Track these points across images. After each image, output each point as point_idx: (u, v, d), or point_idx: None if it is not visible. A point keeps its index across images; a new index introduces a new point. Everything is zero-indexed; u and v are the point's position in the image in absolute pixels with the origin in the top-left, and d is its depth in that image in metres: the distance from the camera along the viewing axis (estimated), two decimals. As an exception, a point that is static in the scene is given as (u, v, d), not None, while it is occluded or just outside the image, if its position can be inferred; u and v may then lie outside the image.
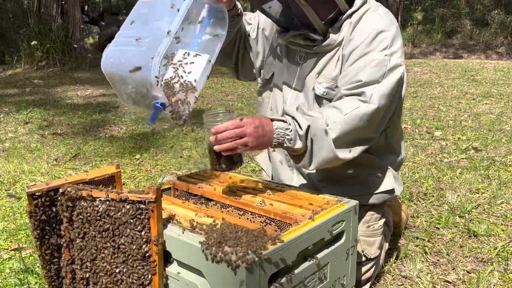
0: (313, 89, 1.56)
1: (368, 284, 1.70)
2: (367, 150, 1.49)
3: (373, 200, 1.67)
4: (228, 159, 1.37)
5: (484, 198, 2.57)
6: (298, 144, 1.36)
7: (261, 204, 1.39)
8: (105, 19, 10.60)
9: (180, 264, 1.20)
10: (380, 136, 1.57)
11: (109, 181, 1.44)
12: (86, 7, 10.65)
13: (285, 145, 1.37)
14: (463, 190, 2.68)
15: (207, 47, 1.43)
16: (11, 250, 2.01)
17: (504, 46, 11.49)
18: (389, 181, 1.67)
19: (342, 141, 1.39)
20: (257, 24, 1.77)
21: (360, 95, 1.41)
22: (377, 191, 1.66)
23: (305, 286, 1.24)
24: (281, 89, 1.69)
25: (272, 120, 1.37)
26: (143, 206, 1.17)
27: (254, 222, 1.38)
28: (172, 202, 1.45)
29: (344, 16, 1.51)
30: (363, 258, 1.66)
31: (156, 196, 1.16)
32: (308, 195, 1.46)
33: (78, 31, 8.85)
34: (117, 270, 1.23)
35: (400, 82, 1.48)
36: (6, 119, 4.53)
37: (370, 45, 1.45)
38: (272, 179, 1.80)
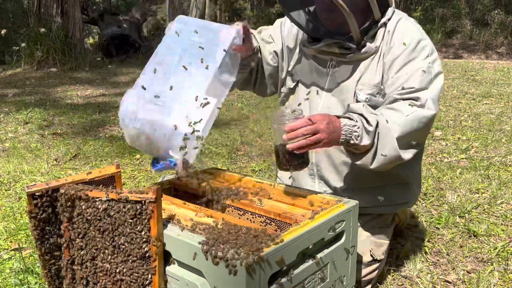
0: (355, 95, 1.57)
1: (370, 285, 1.71)
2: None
3: (391, 210, 1.74)
4: (298, 158, 1.37)
5: (484, 198, 2.57)
6: (365, 141, 1.38)
7: (261, 204, 1.39)
8: (105, 19, 10.59)
9: (180, 264, 1.20)
10: None
11: (109, 181, 1.44)
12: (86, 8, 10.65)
13: (351, 141, 1.39)
14: (463, 190, 2.68)
15: (216, 90, 1.43)
16: (11, 250, 2.01)
17: (504, 46, 11.49)
18: (410, 193, 1.74)
19: (403, 142, 1.43)
20: (280, 40, 1.78)
21: (416, 100, 1.46)
22: (397, 203, 1.72)
23: (305, 286, 1.24)
24: (308, 97, 1.69)
25: (338, 117, 1.40)
26: (143, 206, 1.17)
27: (254, 222, 1.38)
28: (172, 202, 1.45)
29: (378, 25, 1.56)
30: (370, 258, 1.67)
31: (156, 196, 1.16)
32: (308, 195, 1.46)
33: (78, 31, 8.85)
34: (117, 270, 1.23)
35: (442, 89, 1.54)
36: (6, 119, 4.53)
37: (413, 53, 1.51)
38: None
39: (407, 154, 1.46)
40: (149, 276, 1.19)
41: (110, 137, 3.95)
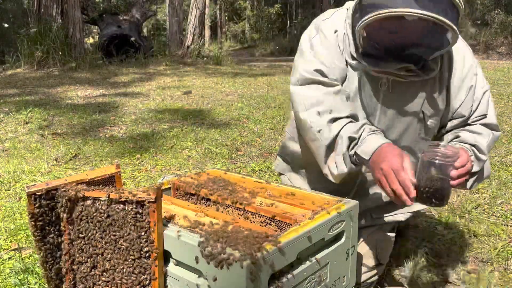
0: (424, 120, 1.52)
1: (371, 287, 1.71)
2: None
3: (404, 217, 1.74)
4: (449, 193, 1.31)
5: (484, 198, 2.57)
6: (475, 168, 1.42)
7: (261, 204, 1.39)
8: (105, 19, 10.59)
9: (180, 264, 1.20)
10: None
11: (109, 181, 1.43)
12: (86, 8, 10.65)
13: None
14: (463, 190, 2.68)
15: None
16: (11, 250, 2.01)
17: (504, 46, 11.49)
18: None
19: (487, 164, 1.49)
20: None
21: (488, 126, 1.51)
22: (411, 211, 1.74)
23: (305, 286, 1.24)
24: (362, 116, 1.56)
25: None
26: (143, 206, 1.17)
27: (254, 222, 1.38)
28: (172, 202, 1.45)
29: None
30: (376, 262, 1.67)
31: (156, 196, 1.16)
32: (308, 195, 1.46)
33: (78, 31, 8.85)
34: (117, 270, 1.23)
35: None
36: (6, 119, 4.53)
37: (476, 75, 1.51)
38: None
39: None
40: (149, 276, 1.19)
41: (110, 137, 3.95)
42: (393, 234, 1.76)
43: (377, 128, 1.46)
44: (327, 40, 1.49)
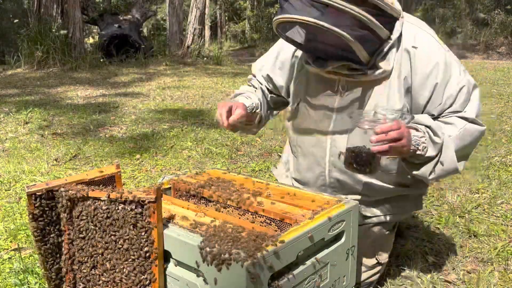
0: None
1: (370, 287, 1.71)
2: None
3: (403, 217, 1.75)
4: (375, 161, 1.34)
5: (484, 198, 2.57)
6: (430, 152, 1.39)
7: (261, 204, 1.39)
8: (105, 19, 10.58)
9: (180, 264, 1.20)
10: None
11: (109, 181, 1.43)
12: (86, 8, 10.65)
13: (418, 152, 1.38)
14: (463, 190, 2.68)
15: None
16: (11, 250, 2.01)
17: (505, 46, 11.49)
18: (420, 202, 1.73)
19: (458, 154, 1.44)
20: (276, 63, 1.73)
21: (465, 120, 1.46)
22: (410, 211, 1.75)
23: (305, 286, 1.24)
24: (313, 115, 1.62)
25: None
26: (144, 206, 1.17)
27: (254, 222, 1.38)
28: (172, 202, 1.45)
29: (390, 43, 1.43)
30: (375, 262, 1.67)
31: (156, 196, 1.16)
32: (308, 195, 1.46)
33: (78, 31, 8.85)
34: (117, 270, 1.23)
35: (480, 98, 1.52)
36: (6, 119, 4.53)
37: (446, 72, 1.46)
38: None
39: (461, 167, 1.48)
40: (149, 276, 1.19)
41: (110, 137, 3.95)
42: (392, 234, 1.76)
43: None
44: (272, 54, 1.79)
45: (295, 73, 1.68)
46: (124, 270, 1.22)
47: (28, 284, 1.74)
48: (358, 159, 1.33)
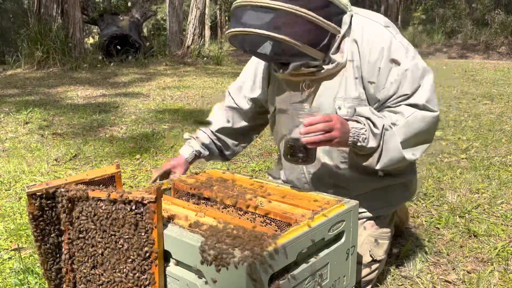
0: (337, 111, 1.55)
1: (370, 286, 1.70)
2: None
3: (391, 210, 1.74)
4: (308, 152, 1.41)
5: (484, 198, 2.57)
6: (372, 143, 1.41)
7: (261, 204, 1.39)
8: (105, 19, 10.59)
9: (180, 264, 1.20)
10: None
11: (109, 181, 1.44)
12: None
13: (358, 144, 1.41)
14: (463, 190, 2.68)
15: None
16: (11, 250, 2.01)
17: (505, 46, 11.50)
18: (409, 193, 1.75)
19: (407, 143, 1.45)
20: (252, 77, 1.82)
21: (414, 106, 1.46)
22: (397, 203, 1.75)
23: (305, 286, 1.24)
24: (289, 118, 1.68)
25: (346, 120, 1.42)
26: (144, 206, 1.17)
27: (254, 222, 1.38)
28: (172, 202, 1.45)
29: (340, 36, 1.48)
30: (370, 259, 1.67)
31: (156, 196, 1.16)
32: (308, 195, 1.46)
33: (78, 31, 8.85)
34: (117, 270, 1.23)
35: (434, 85, 1.51)
36: (6, 119, 4.53)
37: (389, 57, 1.48)
38: None
39: (413, 155, 1.48)
40: (149, 276, 1.19)
41: (110, 137, 3.95)
42: (387, 230, 1.73)
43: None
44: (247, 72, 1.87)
45: (270, 83, 1.76)
46: (124, 270, 1.22)
47: (28, 284, 1.74)
48: (292, 150, 1.42)
